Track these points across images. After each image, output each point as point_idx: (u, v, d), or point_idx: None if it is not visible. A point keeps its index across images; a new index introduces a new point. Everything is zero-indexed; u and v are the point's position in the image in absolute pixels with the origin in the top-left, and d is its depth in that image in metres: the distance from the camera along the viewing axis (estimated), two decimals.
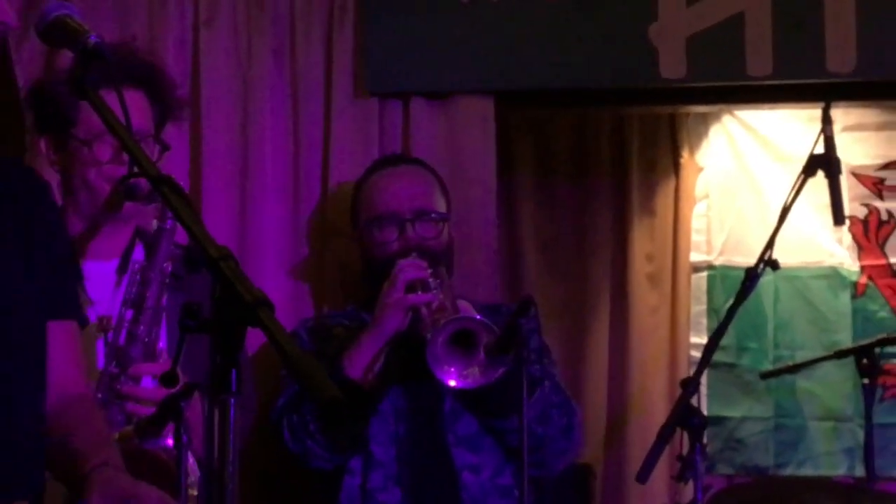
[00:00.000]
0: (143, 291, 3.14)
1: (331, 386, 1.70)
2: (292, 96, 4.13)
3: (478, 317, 3.37)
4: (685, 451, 3.26)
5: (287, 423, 3.48)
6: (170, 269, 3.16)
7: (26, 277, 2.46)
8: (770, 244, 3.42)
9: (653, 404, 4.47)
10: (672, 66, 4.21)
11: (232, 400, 1.80)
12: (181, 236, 3.25)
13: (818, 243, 4.48)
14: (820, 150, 3.48)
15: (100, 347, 3.10)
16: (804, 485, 3.91)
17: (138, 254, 3.24)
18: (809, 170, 3.44)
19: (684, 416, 3.25)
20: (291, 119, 4.13)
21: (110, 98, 2.14)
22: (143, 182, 2.97)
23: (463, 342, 3.34)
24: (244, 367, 1.87)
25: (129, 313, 3.13)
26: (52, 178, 3.13)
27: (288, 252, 4.09)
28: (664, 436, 3.27)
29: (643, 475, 3.28)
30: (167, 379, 2.30)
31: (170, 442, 2.83)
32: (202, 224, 1.90)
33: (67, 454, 2.43)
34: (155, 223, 3.18)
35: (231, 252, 1.85)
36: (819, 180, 3.49)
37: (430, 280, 3.45)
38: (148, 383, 3.07)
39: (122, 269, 3.22)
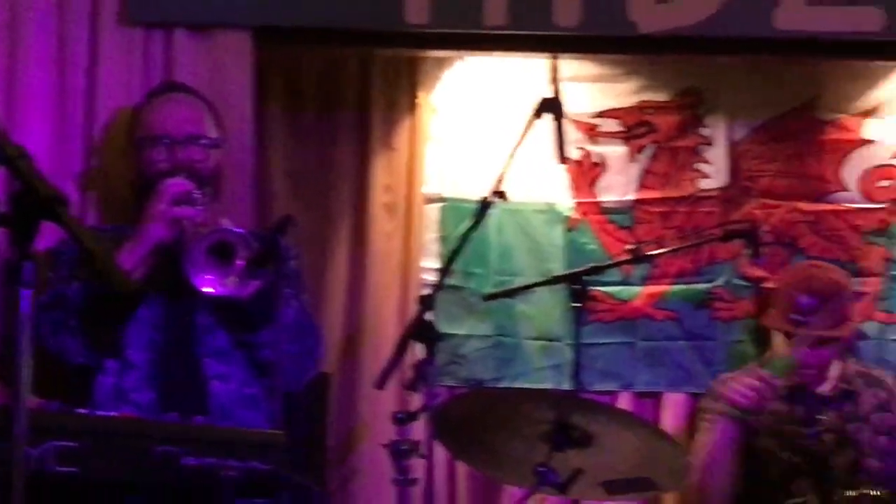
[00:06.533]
0: None
1: (128, 277, 1.67)
2: (60, 21, 4.00)
3: (238, 230, 3.35)
4: (418, 362, 3.30)
5: (47, 320, 3.39)
6: None
7: None
8: (501, 178, 3.45)
9: (386, 321, 4.49)
10: (416, 12, 4.25)
11: (27, 292, 1.72)
12: None
13: (538, 181, 4.53)
14: (547, 95, 3.53)
15: None
16: (522, 394, 4.01)
17: None
18: (538, 112, 3.46)
19: (421, 329, 3.27)
20: (58, 42, 4.00)
21: None
22: None
23: (222, 253, 3.32)
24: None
25: None
26: None
27: (55, 170, 3.95)
28: (402, 347, 3.29)
29: (381, 382, 3.29)
30: None
31: None
32: None
33: None
34: None
35: (27, 152, 1.77)
36: (544, 123, 3.54)
37: (196, 197, 3.41)
38: None
39: None
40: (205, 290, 3.31)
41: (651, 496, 4.07)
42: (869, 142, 4.60)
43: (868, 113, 4.60)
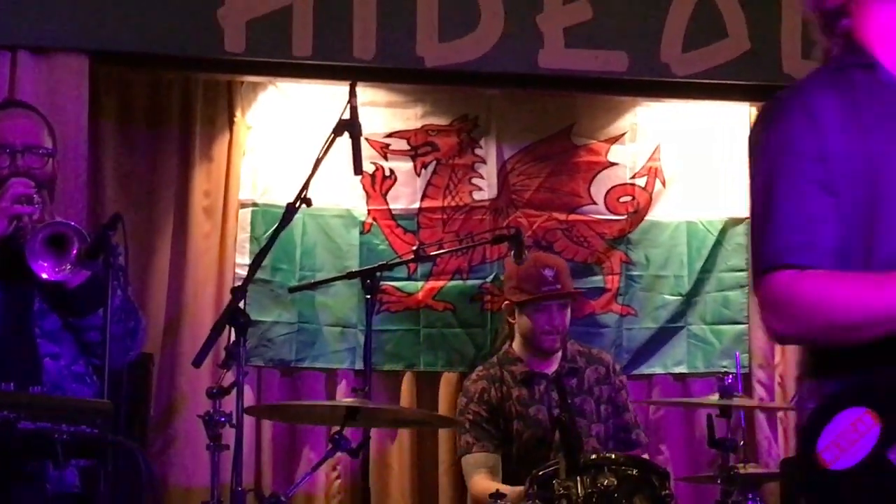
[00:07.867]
0: None
1: None
2: None
3: (73, 223, 3.43)
4: (230, 344, 3.34)
5: None
6: None
7: None
8: (305, 186, 3.48)
9: (203, 309, 4.68)
10: (234, 42, 4.46)
11: None
12: None
13: (338, 190, 4.76)
14: (346, 116, 3.54)
15: None
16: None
17: None
18: (338, 131, 3.52)
19: (233, 316, 3.32)
20: None
21: None
22: None
23: (58, 244, 3.37)
24: None
25: None
26: None
27: None
28: (217, 330, 3.32)
29: (198, 361, 3.30)
30: None
31: None
32: None
33: None
34: None
35: None
36: (343, 140, 3.55)
37: (35, 196, 3.46)
38: None
39: None
40: (42, 275, 3.33)
41: None
42: (614, 164, 5.00)
43: (613, 140, 5.00)
